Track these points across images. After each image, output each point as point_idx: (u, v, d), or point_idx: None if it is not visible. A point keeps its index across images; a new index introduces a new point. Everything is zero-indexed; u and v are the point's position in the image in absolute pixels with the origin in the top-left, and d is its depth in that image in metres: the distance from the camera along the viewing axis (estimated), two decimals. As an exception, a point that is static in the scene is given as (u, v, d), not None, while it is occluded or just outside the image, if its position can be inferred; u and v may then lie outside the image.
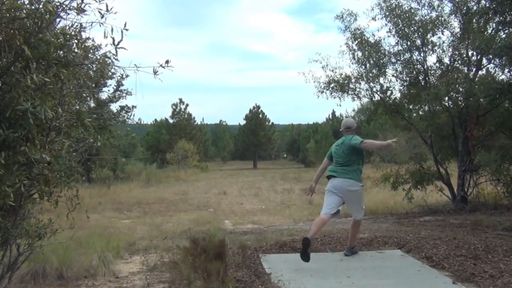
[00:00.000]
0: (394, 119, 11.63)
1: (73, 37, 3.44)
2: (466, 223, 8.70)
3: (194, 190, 24.21)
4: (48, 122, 3.26)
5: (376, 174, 12.26)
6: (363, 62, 10.82)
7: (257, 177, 34.43)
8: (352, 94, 11.07)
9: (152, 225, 11.74)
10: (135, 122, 5.04)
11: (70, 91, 3.52)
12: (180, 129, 50.12)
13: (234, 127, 77.78)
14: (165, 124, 51.63)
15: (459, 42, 10.22)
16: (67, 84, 3.41)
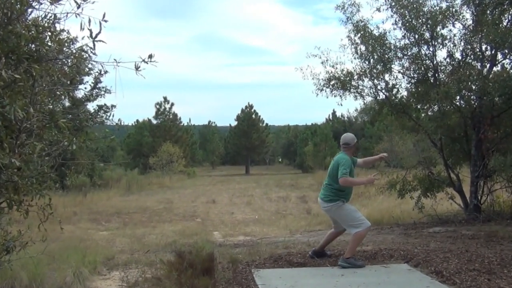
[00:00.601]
0: (401, 120, 11.66)
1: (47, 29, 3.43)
2: (480, 234, 8.74)
3: (179, 198, 24.18)
4: (18, 123, 3.25)
5: (381, 180, 12.29)
6: (366, 57, 10.85)
7: (250, 184, 34.43)
8: (355, 92, 11.09)
9: (133, 237, 11.71)
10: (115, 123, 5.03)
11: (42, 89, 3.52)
12: (164, 131, 50.05)
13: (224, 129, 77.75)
14: (147, 126, 51.56)
15: (471, 35, 10.26)
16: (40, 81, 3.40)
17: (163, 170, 41.17)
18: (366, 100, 11.66)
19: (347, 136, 6.89)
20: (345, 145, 6.76)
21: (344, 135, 6.96)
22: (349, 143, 6.77)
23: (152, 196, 26.03)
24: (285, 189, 29.02)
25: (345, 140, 6.81)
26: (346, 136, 6.91)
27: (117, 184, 30.95)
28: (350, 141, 6.78)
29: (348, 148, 6.75)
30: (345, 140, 6.79)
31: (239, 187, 31.33)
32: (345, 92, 11.04)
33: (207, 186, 33.26)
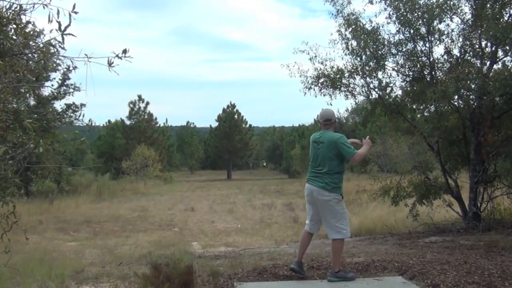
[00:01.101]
0: (395, 121, 11.73)
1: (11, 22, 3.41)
2: (479, 244, 8.81)
3: (155, 206, 24.08)
4: (-21, 124, 3.22)
5: (374, 186, 12.36)
6: (358, 53, 10.91)
7: (232, 190, 34.42)
8: (345, 91, 11.14)
9: (105, 248, 11.64)
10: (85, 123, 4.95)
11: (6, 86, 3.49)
12: (138, 132, 49.85)
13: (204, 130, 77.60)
14: (120, 126, 51.31)
15: (470, 30, 10.35)
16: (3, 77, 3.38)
17: (137, 175, 40.99)
18: (358, 100, 11.72)
19: (328, 111, 6.68)
20: (327, 121, 6.52)
21: (323, 110, 6.73)
22: (331, 118, 6.56)
23: (125, 203, 25.89)
24: (270, 195, 29.05)
25: (326, 115, 6.57)
26: (327, 111, 6.69)
27: (86, 190, 30.75)
28: (332, 116, 6.59)
29: (330, 124, 6.53)
30: (327, 115, 6.56)
31: (220, 194, 31.29)
32: (335, 90, 11.09)
33: (186, 193, 33.17)
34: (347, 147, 6.28)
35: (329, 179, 6.30)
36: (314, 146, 6.52)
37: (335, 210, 6.31)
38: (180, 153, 68.81)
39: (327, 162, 6.32)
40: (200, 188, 38.37)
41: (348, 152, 6.25)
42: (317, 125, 52.36)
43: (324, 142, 6.39)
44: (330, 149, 6.31)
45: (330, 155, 6.30)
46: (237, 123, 62.63)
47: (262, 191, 32.34)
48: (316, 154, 6.45)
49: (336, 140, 6.31)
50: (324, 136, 6.44)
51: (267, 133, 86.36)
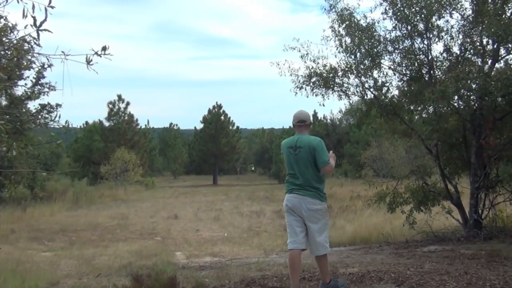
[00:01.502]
0: (391, 123, 11.77)
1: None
2: (481, 253, 8.85)
3: (136, 213, 24.02)
4: None
5: (369, 192, 12.40)
6: (352, 50, 10.95)
7: (218, 196, 34.40)
8: (339, 91, 11.18)
9: (82, 259, 11.59)
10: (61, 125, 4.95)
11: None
12: (118, 135, 49.67)
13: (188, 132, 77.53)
14: (99, 128, 51.11)
15: (471, 27, 10.41)
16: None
17: (117, 181, 40.83)
18: (352, 100, 11.76)
19: (303, 112, 6.52)
20: (301, 122, 6.39)
21: (297, 112, 6.52)
22: (306, 119, 6.42)
23: (104, 210, 25.79)
24: (258, 202, 29.04)
25: (301, 116, 6.43)
26: (302, 112, 6.53)
27: (62, 196, 30.58)
28: (307, 118, 6.45)
29: (305, 127, 6.40)
30: (302, 116, 6.42)
31: (206, 200, 31.26)
32: (328, 90, 11.11)
33: (168, 199, 33.10)
34: (325, 155, 6.14)
35: (318, 186, 6.19)
36: (290, 152, 6.31)
37: (324, 221, 6.22)
38: (162, 157, 68.69)
39: (310, 168, 6.17)
40: (184, 194, 38.31)
41: (324, 161, 6.10)
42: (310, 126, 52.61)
43: (303, 146, 6.21)
44: (310, 154, 6.16)
45: (311, 160, 6.16)
46: (223, 125, 62.56)
47: (250, 198, 32.33)
48: (294, 160, 6.26)
49: (316, 144, 6.17)
50: (301, 140, 6.26)
51: (255, 136, 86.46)
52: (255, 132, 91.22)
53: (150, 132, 61.25)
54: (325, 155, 6.12)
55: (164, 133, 77.14)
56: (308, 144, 6.18)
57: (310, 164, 6.16)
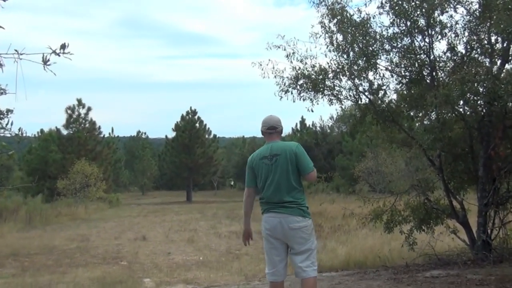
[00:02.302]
0: (389, 131, 11.80)
1: None
2: (490, 279, 8.90)
3: (98, 235, 23.88)
4: None
5: (364, 209, 12.41)
6: (344, 49, 10.97)
7: (192, 215, 34.35)
8: (330, 95, 11.18)
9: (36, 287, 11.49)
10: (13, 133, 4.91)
11: None
12: (78, 145, 49.46)
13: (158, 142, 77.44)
14: (56, 137, 50.82)
15: (478, 23, 10.47)
16: None
17: (76, 197, 40.63)
18: (345, 105, 11.76)
19: (273, 117, 6.50)
20: (272, 129, 6.39)
21: (268, 117, 6.51)
22: (277, 126, 6.42)
23: (62, 231, 25.62)
24: (239, 221, 28.94)
25: (271, 122, 6.42)
26: (272, 117, 6.51)
27: (13, 215, 30.30)
28: (278, 124, 6.44)
29: (276, 134, 6.40)
30: (272, 122, 6.41)
31: (178, 219, 31.18)
32: (317, 94, 11.12)
33: (136, 218, 32.97)
34: (308, 159, 6.14)
35: (299, 199, 6.08)
36: (264, 163, 6.21)
37: (311, 241, 6.13)
38: (129, 169, 68.51)
39: (290, 178, 6.07)
40: (154, 212, 38.18)
41: (308, 166, 6.09)
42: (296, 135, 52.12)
43: (280, 153, 6.14)
44: (289, 161, 6.08)
45: (291, 169, 6.08)
46: (198, 133, 62.56)
47: (229, 216, 32.27)
48: (271, 172, 6.14)
49: (297, 148, 6.15)
50: (276, 147, 6.21)
51: (235, 145, 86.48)
52: (234, 141, 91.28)
53: (114, 142, 61.16)
54: (308, 160, 6.13)
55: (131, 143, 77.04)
56: (287, 150, 6.14)
57: (290, 173, 6.08)
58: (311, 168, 6.08)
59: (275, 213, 6.11)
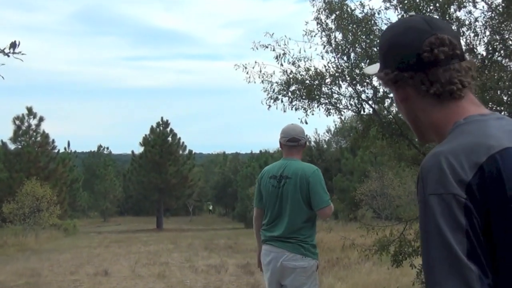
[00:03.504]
0: (396, 146, 11.83)
1: None
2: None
3: (52, 269, 23.77)
4: None
5: (367, 239, 12.45)
6: (344, 50, 11.03)
7: (164, 245, 34.26)
8: (327, 104, 11.23)
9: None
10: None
11: None
12: (28, 161, 49.27)
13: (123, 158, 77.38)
14: (1, 153, 50.65)
15: (501, 20, 10.54)
16: None
17: (26, 224, 40.41)
18: (345, 116, 11.83)
19: (297, 127, 6.22)
20: (293, 141, 6.05)
21: (288, 125, 6.18)
22: (300, 138, 6.08)
23: (7, 264, 25.48)
24: (218, 253, 28.98)
25: (293, 132, 6.07)
26: (295, 127, 6.23)
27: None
28: (301, 135, 6.11)
29: (299, 148, 6.10)
30: (294, 133, 6.06)
31: (147, 251, 31.10)
32: (312, 103, 11.15)
33: (96, 249, 32.84)
34: (324, 191, 5.87)
35: (303, 236, 5.85)
36: (271, 184, 6.02)
37: (310, 284, 5.90)
38: (88, 191, 68.23)
39: (299, 208, 5.85)
40: (118, 242, 38.06)
41: (323, 200, 5.82)
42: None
43: (291, 177, 5.90)
44: (300, 189, 5.84)
45: (301, 198, 5.84)
46: (171, 148, 62.45)
47: (207, 247, 32.25)
48: (276, 197, 5.95)
49: (313, 175, 5.86)
50: (290, 168, 5.96)
51: (214, 163, 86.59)
52: (214, 158, 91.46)
53: (71, 158, 60.93)
54: (324, 191, 5.87)
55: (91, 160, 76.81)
56: (300, 174, 5.87)
57: (300, 203, 5.85)
58: (326, 202, 5.82)
59: (271, 246, 5.96)
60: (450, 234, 1.66)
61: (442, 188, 1.70)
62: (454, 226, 1.67)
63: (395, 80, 2.05)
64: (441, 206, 1.69)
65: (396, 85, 2.07)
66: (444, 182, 1.70)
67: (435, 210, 1.69)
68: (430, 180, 1.74)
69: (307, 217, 5.88)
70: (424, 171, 1.78)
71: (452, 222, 1.67)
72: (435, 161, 1.76)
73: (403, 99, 2.07)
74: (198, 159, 71.90)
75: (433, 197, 1.71)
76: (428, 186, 1.73)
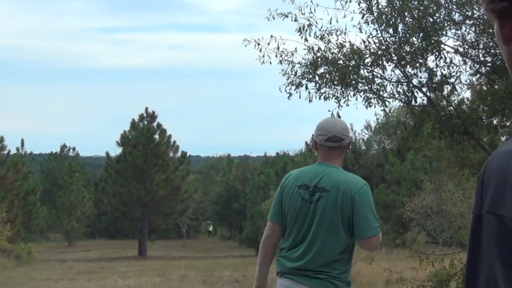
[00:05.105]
0: (459, 148, 11.83)
1: None
2: None
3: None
4: None
5: (419, 272, 12.47)
6: (390, 20, 11.01)
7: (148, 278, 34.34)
8: (366, 92, 11.24)
9: None
10: None
11: None
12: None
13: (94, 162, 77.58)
14: None
15: None
16: None
17: (-35, 249, 40.70)
18: (390, 108, 11.82)
19: (339, 123, 5.97)
20: (334, 141, 5.66)
21: (326, 120, 5.94)
22: (344, 137, 5.71)
23: None
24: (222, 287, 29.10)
25: (335, 129, 5.67)
26: (336, 122, 6.07)
27: None
28: (345, 134, 5.77)
29: (341, 151, 5.79)
30: (336, 131, 5.67)
31: (126, 285, 31.21)
32: (346, 90, 11.16)
33: (58, 283, 32.95)
34: (373, 215, 5.62)
35: (336, 271, 5.62)
36: (301, 196, 5.70)
37: None
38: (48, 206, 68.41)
39: (333, 233, 5.59)
40: (87, 273, 38.15)
41: (370, 226, 5.55)
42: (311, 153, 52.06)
43: (330, 190, 5.58)
44: (341, 209, 5.53)
45: (339, 220, 5.56)
46: (158, 149, 62.01)
47: (206, 281, 32.33)
48: (303, 213, 5.69)
49: (358, 191, 5.56)
50: (329, 178, 5.63)
51: (215, 169, 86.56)
52: (215, 163, 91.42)
53: (25, 162, 61.07)
54: (373, 215, 5.62)
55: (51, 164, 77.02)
56: (343, 189, 5.56)
57: (338, 227, 5.58)
58: (374, 231, 5.56)
59: (291, 282, 5.72)
60: (503, 278, 1.54)
61: (503, 208, 1.56)
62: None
63: (502, 13, 1.97)
64: (498, 233, 1.56)
65: (502, 20, 1.98)
66: (508, 199, 1.56)
67: (490, 237, 1.56)
68: (491, 190, 1.60)
69: (345, 247, 5.65)
70: (486, 175, 1.64)
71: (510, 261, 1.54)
72: (503, 164, 1.62)
73: (508, 40, 1.97)
74: (195, 163, 72.01)
75: (491, 216, 1.57)
76: (488, 197, 1.60)
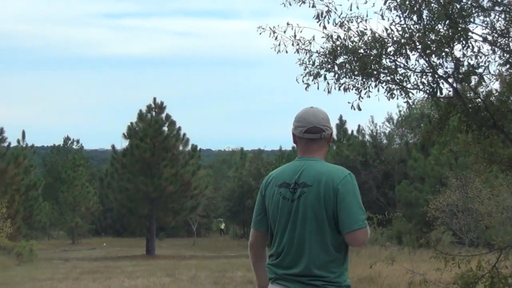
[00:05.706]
0: (487, 143, 11.78)
1: None
2: None
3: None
4: None
5: (444, 273, 12.44)
6: (414, 6, 10.96)
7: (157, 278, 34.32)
8: (389, 82, 11.20)
9: None
10: None
11: None
12: (-34, 159, 49.64)
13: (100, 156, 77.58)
14: None
15: None
16: None
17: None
18: (414, 99, 11.77)
19: (317, 112, 5.72)
20: (312, 132, 5.57)
21: (304, 110, 5.71)
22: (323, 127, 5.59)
23: None
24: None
25: (313, 119, 5.59)
26: (316, 112, 5.71)
27: None
28: (325, 123, 5.63)
29: (321, 143, 5.64)
30: (315, 120, 5.58)
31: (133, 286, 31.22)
32: (368, 80, 11.13)
33: (62, 283, 32.99)
34: (359, 207, 5.44)
35: (332, 275, 5.49)
36: (281, 195, 5.65)
37: None
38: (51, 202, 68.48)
39: (320, 231, 5.47)
40: (92, 273, 38.16)
41: (355, 219, 5.36)
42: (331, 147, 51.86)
43: (311, 184, 5.48)
44: (325, 202, 5.43)
45: (324, 216, 5.45)
46: (167, 142, 61.95)
47: (217, 282, 32.30)
48: (286, 213, 5.62)
49: (341, 181, 5.42)
50: (309, 172, 5.54)
51: (228, 164, 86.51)
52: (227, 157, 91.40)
53: (27, 155, 61.07)
54: (358, 207, 5.43)
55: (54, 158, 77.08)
56: (325, 181, 5.44)
57: (324, 222, 5.45)
58: (360, 223, 5.36)
59: (285, 286, 5.58)
60: None
61: None
62: None
63: None
64: None
65: None
66: None
67: None
68: None
69: (337, 245, 5.49)
70: None
71: None
72: None
73: None
74: (205, 158, 72.00)
75: None
76: None
